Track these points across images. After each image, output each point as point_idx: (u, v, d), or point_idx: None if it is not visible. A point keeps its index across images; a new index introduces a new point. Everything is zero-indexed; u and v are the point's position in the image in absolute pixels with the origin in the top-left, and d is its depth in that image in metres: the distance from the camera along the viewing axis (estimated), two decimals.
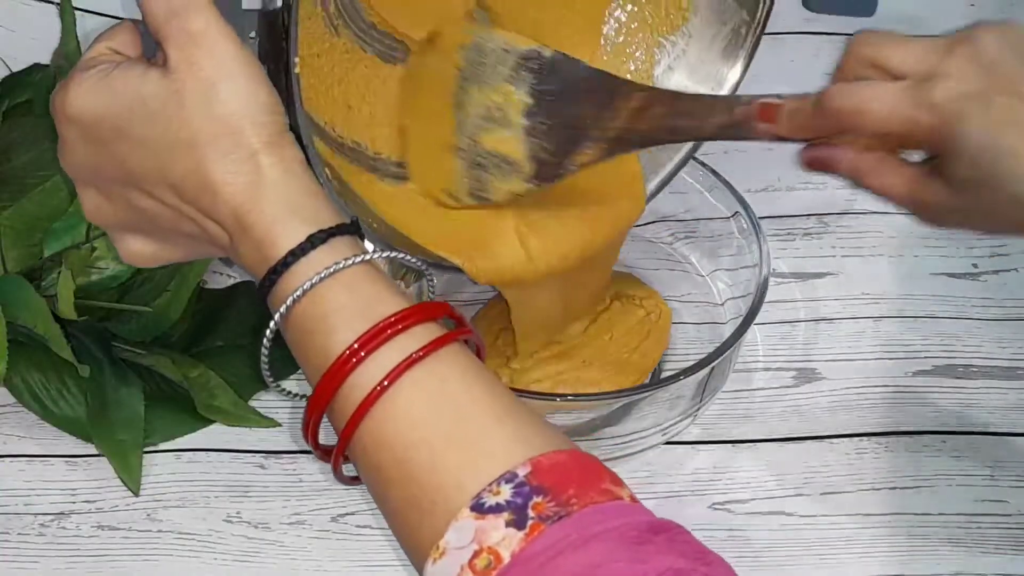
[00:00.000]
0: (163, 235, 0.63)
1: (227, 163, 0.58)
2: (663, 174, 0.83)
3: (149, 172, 0.60)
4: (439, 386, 0.57)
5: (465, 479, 0.55)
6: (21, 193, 0.86)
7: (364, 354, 0.57)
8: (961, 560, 0.80)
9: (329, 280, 0.58)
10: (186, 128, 0.58)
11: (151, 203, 0.61)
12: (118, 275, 0.86)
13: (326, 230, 0.58)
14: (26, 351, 0.84)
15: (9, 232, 0.86)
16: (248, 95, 0.59)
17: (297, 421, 0.85)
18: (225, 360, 0.86)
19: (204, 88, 0.58)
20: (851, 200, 0.98)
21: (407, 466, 0.56)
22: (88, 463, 0.83)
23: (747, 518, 0.82)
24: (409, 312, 0.58)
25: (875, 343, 0.90)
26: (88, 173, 0.63)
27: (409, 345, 0.57)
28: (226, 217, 0.59)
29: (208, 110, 0.58)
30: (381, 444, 0.57)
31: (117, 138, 0.60)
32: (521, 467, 0.55)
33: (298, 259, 0.58)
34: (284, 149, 0.59)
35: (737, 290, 0.88)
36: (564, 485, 0.54)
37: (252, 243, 0.59)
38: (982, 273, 0.94)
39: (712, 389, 0.83)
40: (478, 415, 0.57)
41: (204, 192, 0.59)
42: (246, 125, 0.58)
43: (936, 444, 0.85)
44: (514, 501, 0.54)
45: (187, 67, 0.58)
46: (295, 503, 0.82)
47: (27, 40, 1.03)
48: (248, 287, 0.90)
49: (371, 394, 0.56)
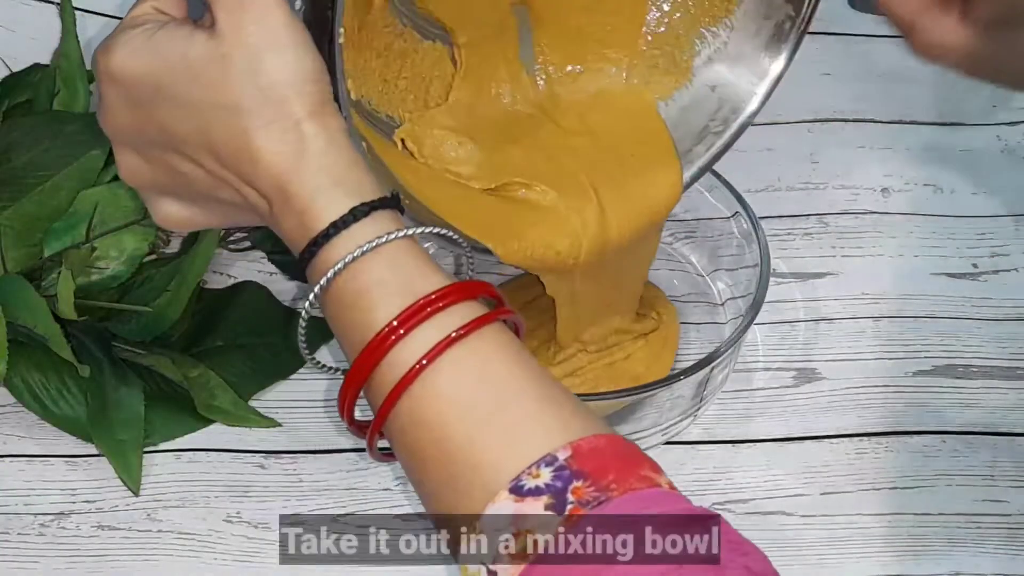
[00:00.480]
0: (199, 200, 0.62)
1: (271, 131, 0.58)
2: (699, 163, 0.82)
3: (190, 135, 0.59)
4: (480, 366, 0.57)
5: (504, 460, 0.54)
6: (21, 193, 0.86)
7: (404, 331, 0.56)
8: (961, 560, 0.80)
9: (370, 254, 0.57)
10: (230, 94, 0.58)
11: (190, 167, 0.60)
12: (118, 275, 0.86)
13: (368, 203, 0.58)
14: (26, 351, 0.84)
15: (9, 232, 0.86)
16: (295, 64, 0.58)
17: (297, 422, 0.85)
18: (225, 360, 0.86)
19: (250, 55, 0.57)
20: (851, 200, 0.98)
21: (445, 445, 0.56)
22: (88, 463, 0.83)
23: (747, 518, 0.81)
24: (450, 290, 0.57)
25: (875, 343, 0.90)
26: (127, 134, 0.62)
27: (449, 323, 0.56)
28: (267, 186, 0.58)
29: (253, 78, 0.57)
30: (419, 423, 0.56)
31: (159, 99, 0.59)
32: (561, 450, 0.54)
33: (340, 232, 0.57)
34: (328, 118, 0.59)
35: (737, 290, 0.88)
36: (604, 470, 0.54)
37: (293, 213, 0.58)
38: (982, 273, 0.94)
39: (712, 389, 0.83)
40: (518, 397, 0.56)
41: (245, 159, 0.58)
42: (291, 94, 0.58)
43: (936, 444, 0.85)
44: (554, 484, 0.53)
45: (234, 32, 0.58)
46: (295, 503, 0.82)
47: (27, 40, 1.03)
48: (248, 287, 0.90)
49: (410, 372, 0.56)
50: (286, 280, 0.91)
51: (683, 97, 0.81)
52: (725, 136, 0.81)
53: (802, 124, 1.03)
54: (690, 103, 0.81)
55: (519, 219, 0.77)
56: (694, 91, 0.81)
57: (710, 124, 0.81)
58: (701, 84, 0.81)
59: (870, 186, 0.99)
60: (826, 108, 1.04)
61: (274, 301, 0.90)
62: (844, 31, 1.08)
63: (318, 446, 0.84)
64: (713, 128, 0.81)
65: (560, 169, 0.79)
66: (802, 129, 1.03)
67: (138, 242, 0.86)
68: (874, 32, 1.08)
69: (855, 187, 0.99)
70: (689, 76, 0.81)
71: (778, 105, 1.02)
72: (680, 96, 0.81)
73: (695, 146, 0.81)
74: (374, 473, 0.82)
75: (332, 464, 0.83)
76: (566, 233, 0.77)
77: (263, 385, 0.86)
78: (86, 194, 0.86)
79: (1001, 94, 1.04)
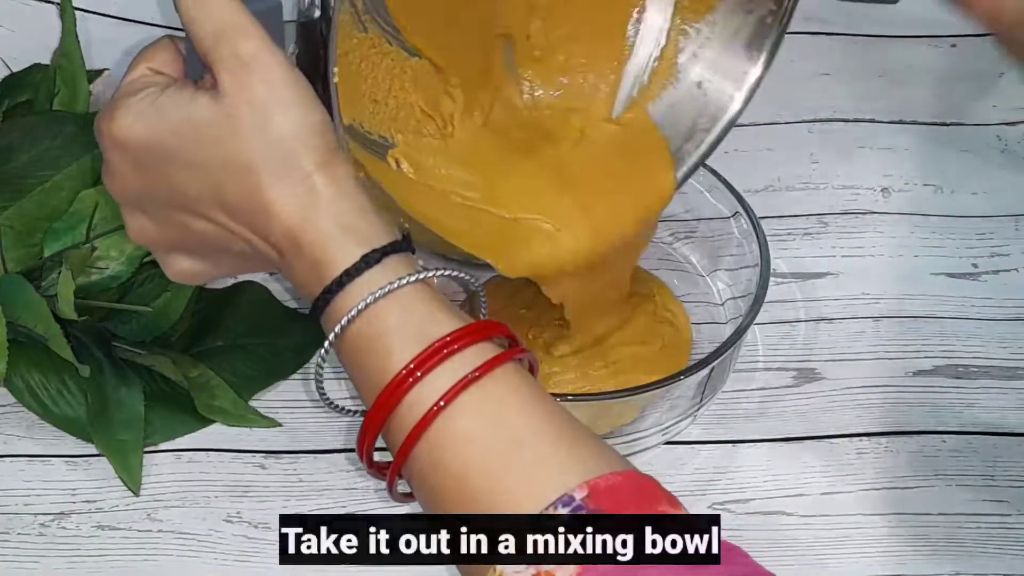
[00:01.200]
0: (211, 253, 0.63)
1: (282, 186, 0.59)
2: (690, 161, 0.82)
3: (201, 194, 0.60)
4: (496, 409, 0.58)
5: (522, 502, 0.55)
6: (21, 193, 0.86)
7: (420, 374, 0.57)
8: (961, 560, 0.80)
9: (383, 300, 0.58)
10: (241, 152, 0.59)
11: (202, 224, 0.61)
12: (118, 275, 0.86)
13: (379, 249, 0.59)
14: (26, 351, 0.84)
15: (9, 232, 0.85)
16: (301, 119, 0.59)
17: (297, 422, 0.85)
18: (225, 360, 0.86)
19: (258, 113, 0.58)
20: (851, 200, 0.98)
21: (464, 489, 0.57)
22: (88, 463, 0.83)
23: (747, 518, 0.81)
24: (464, 332, 0.58)
25: (875, 343, 0.90)
26: (135, 197, 0.63)
27: (464, 366, 0.57)
28: (280, 237, 0.59)
29: (263, 136, 0.58)
30: (438, 467, 0.57)
31: (168, 162, 0.60)
32: (578, 490, 0.55)
33: (353, 279, 0.58)
34: (336, 167, 0.60)
35: (737, 290, 0.88)
36: (621, 508, 0.55)
37: (306, 263, 0.59)
38: (982, 273, 0.94)
39: (712, 389, 0.83)
40: (534, 437, 0.57)
41: (258, 213, 0.59)
42: (300, 148, 0.59)
43: (936, 444, 0.85)
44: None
45: (239, 92, 0.59)
46: (295, 503, 0.81)
47: (27, 40, 1.03)
48: (248, 287, 0.90)
49: (427, 414, 0.57)
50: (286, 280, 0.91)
51: (671, 96, 0.82)
52: (714, 133, 0.81)
53: (802, 124, 1.03)
54: (677, 102, 0.82)
55: (517, 232, 0.77)
56: (681, 90, 0.82)
57: (699, 121, 0.81)
58: (688, 82, 0.81)
59: (870, 186, 0.99)
60: (826, 108, 1.04)
61: (274, 301, 0.90)
62: (844, 31, 1.08)
63: (318, 446, 0.84)
64: (702, 125, 0.81)
65: (555, 180, 0.79)
66: (802, 129, 1.03)
67: None
68: (874, 32, 1.09)
69: (855, 187, 0.99)
70: (675, 74, 0.81)
71: (778, 105, 1.03)
72: (668, 95, 0.82)
73: (685, 144, 0.82)
74: None
75: (332, 464, 0.83)
76: (563, 243, 0.78)
77: (263, 385, 0.86)
78: (86, 194, 0.86)
79: (1001, 94, 1.05)
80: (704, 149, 0.82)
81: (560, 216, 0.78)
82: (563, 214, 0.78)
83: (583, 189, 0.79)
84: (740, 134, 1.00)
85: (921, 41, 1.07)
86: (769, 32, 0.79)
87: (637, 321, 0.87)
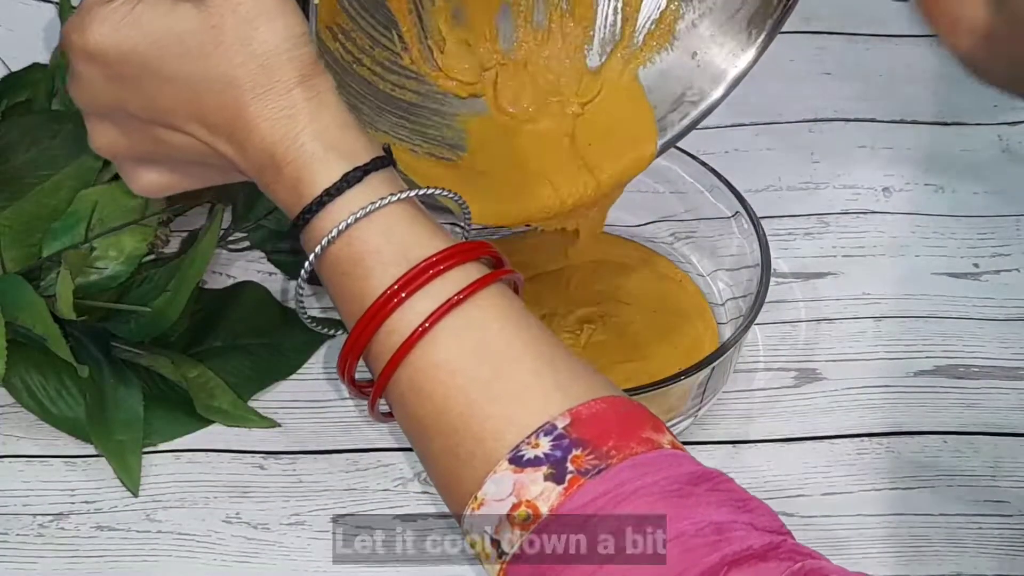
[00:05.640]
0: (182, 166, 0.62)
1: (265, 99, 0.58)
2: (672, 131, 0.82)
3: (179, 107, 0.59)
4: (478, 334, 0.57)
5: (504, 430, 0.55)
6: (20, 193, 0.86)
7: (403, 296, 0.56)
8: (961, 560, 0.79)
9: (364, 221, 0.57)
10: (222, 65, 0.57)
11: (178, 137, 0.60)
12: (117, 275, 0.86)
13: (361, 167, 0.57)
14: (25, 351, 0.84)
15: (8, 232, 0.85)
16: (285, 30, 0.58)
17: (297, 422, 0.85)
18: (225, 360, 0.86)
19: (243, 25, 0.57)
20: (852, 200, 0.98)
21: (445, 416, 0.56)
22: (87, 463, 0.83)
23: None
24: (448, 253, 0.57)
25: (876, 343, 0.90)
26: (105, 107, 0.61)
27: (448, 288, 0.56)
28: (260, 152, 0.58)
29: (247, 48, 0.57)
30: (419, 392, 0.57)
31: (145, 74, 0.59)
32: (560, 418, 0.54)
33: (333, 198, 0.57)
34: (317, 78, 0.59)
35: (737, 290, 0.88)
36: (603, 436, 0.54)
37: (287, 180, 0.58)
38: (983, 273, 0.94)
39: (712, 389, 0.83)
40: (517, 365, 0.56)
41: (237, 128, 0.58)
42: (284, 61, 0.58)
43: (937, 444, 0.85)
44: (553, 455, 0.54)
45: (225, 1, 0.57)
46: (295, 503, 0.81)
47: (27, 40, 1.03)
48: (248, 287, 0.90)
49: (409, 338, 0.56)
50: (286, 280, 0.91)
51: (663, 62, 0.82)
52: (701, 106, 0.81)
53: (802, 124, 1.03)
54: (669, 68, 0.81)
55: (488, 184, 0.78)
56: (675, 56, 0.81)
57: (687, 92, 0.81)
58: (682, 49, 0.81)
59: (871, 186, 0.99)
60: (826, 108, 1.04)
61: (274, 301, 0.90)
62: (844, 31, 1.08)
63: (318, 446, 0.84)
64: (689, 97, 0.81)
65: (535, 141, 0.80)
66: (802, 129, 1.02)
67: (137, 242, 0.86)
68: (874, 32, 1.08)
69: (856, 187, 0.99)
70: (670, 40, 0.81)
71: (778, 105, 1.03)
72: (660, 61, 0.82)
73: (669, 113, 0.81)
74: (374, 473, 0.82)
75: (332, 464, 0.83)
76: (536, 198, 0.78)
77: (263, 385, 0.86)
78: (85, 194, 0.86)
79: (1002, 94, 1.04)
80: (687, 123, 0.81)
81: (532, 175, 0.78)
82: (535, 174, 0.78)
83: (563, 152, 0.79)
84: (740, 134, 1.01)
85: (921, 41, 1.07)
86: (772, 11, 0.78)
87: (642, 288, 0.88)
